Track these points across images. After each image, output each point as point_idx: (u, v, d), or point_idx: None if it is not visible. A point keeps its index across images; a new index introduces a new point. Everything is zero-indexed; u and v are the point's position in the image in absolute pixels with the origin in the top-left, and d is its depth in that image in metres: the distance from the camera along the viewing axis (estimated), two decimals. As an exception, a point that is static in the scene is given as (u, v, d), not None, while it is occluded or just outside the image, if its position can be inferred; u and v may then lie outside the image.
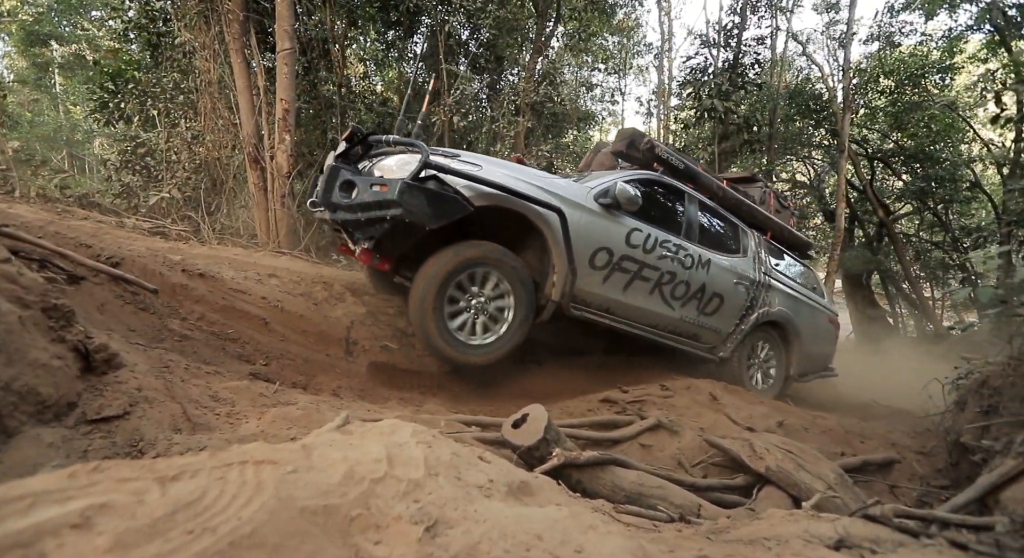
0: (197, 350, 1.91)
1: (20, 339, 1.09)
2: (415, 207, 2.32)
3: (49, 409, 1.12)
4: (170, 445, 1.18)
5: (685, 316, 3.37)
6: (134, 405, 1.25)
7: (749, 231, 3.94)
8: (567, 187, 2.88)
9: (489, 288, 2.61)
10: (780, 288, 3.96)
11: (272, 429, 1.41)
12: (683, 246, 3.29)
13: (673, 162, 3.54)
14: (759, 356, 4.02)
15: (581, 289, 2.83)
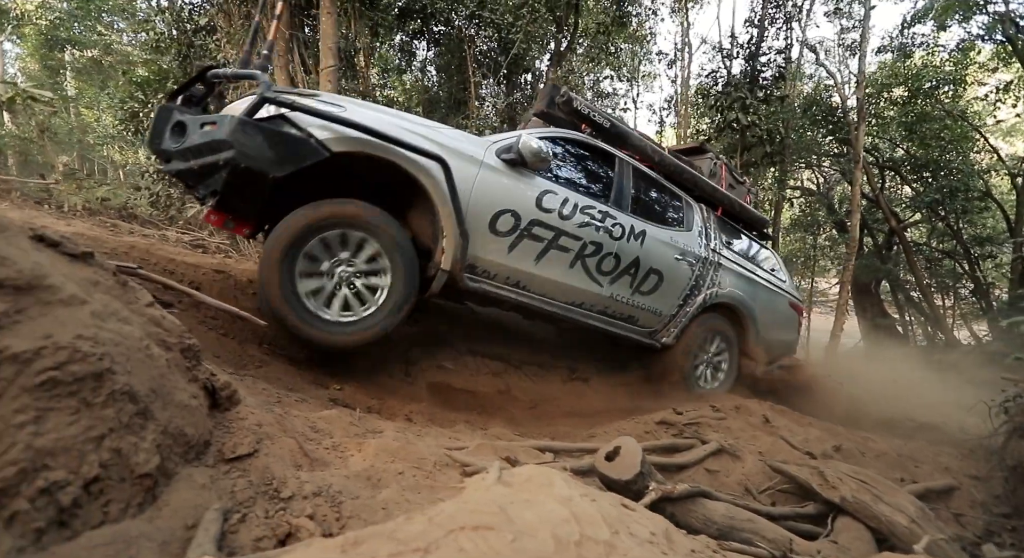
0: (279, 376, 1.95)
1: (169, 382, 1.13)
2: (251, 149, 1.95)
3: (193, 449, 1.15)
4: (300, 484, 1.21)
5: (617, 294, 3.02)
6: (260, 442, 1.28)
7: (695, 204, 3.62)
8: (460, 138, 2.53)
9: (363, 258, 2.24)
10: (733, 268, 3.65)
11: (379, 463, 1.44)
12: (611, 214, 2.94)
13: (597, 120, 3.14)
14: (708, 349, 3.63)
15: (480, 258, 2.49)
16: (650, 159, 3.36)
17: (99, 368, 0.95)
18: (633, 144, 3.27)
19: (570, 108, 3.02)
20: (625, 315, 3.11)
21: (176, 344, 1.21)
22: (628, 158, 3.21)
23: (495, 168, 2.52)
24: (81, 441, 0.90)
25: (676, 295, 3.29)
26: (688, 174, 3.54)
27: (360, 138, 2.12)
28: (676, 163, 3.45)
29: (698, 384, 3.55)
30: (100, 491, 0.92)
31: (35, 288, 0.93)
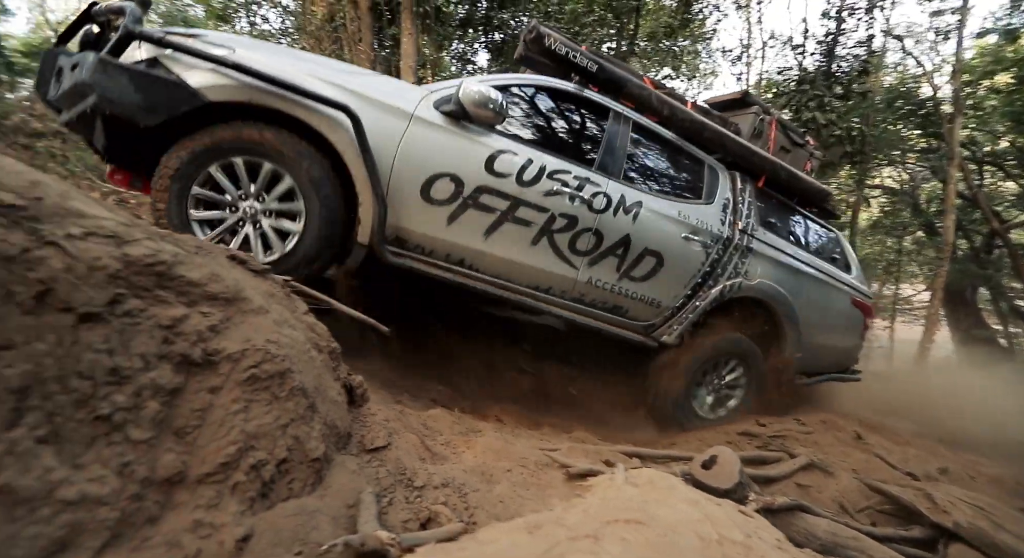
0: (388, 377, 2.15)
1: (324, 380, 1.31)
2: (116, 94, 1.70)
3: (341, 439, 1.33)
4: (429, 476, 1.36)
5: (597, 279, 2.42)
6: (390, 436, 1.44)
7: (723, 171, 2.90)
8: (387, 86, 2.12)
9: (273, 195, 1.94)
10: (769, 254, 2.85)
11: (488, 460, 1.57)
12: (592, 181, 2.36)
13: (579, 61, 2.47)
14: (720, 373, 2.89)
15: (410, 230, 2.09)
16: (655, 112, 2.65)
17: (283, 368, 1.13)
18: (631, 93, 2.58)
19: (540, 47, 2.42)
20: (610, 305, 2.48)
21: (325, 347, 1.39)
22: (629, 112, 2.58)
23: (431, 123, 2.08)
24: (273, 428, 1.08)
25: (682, 283, 2.60)
26: (712, 132, 2.77)
27: (244, 84, 1.81)
28: (694, 118, 2.71)
29: (693, 411, 2.80)
30: (287, 470, 1.10)
31: (237, 300, 1.13)
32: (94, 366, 0.87)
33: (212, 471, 0.97)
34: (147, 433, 0.91)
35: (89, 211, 1.00)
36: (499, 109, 2.10)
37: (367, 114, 1.96)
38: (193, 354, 0.99)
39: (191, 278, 1.05)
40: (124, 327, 0.92)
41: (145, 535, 0.87)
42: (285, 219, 1.96)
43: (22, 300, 0.82)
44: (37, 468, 0.78)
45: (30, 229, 0.86)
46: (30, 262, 0.84)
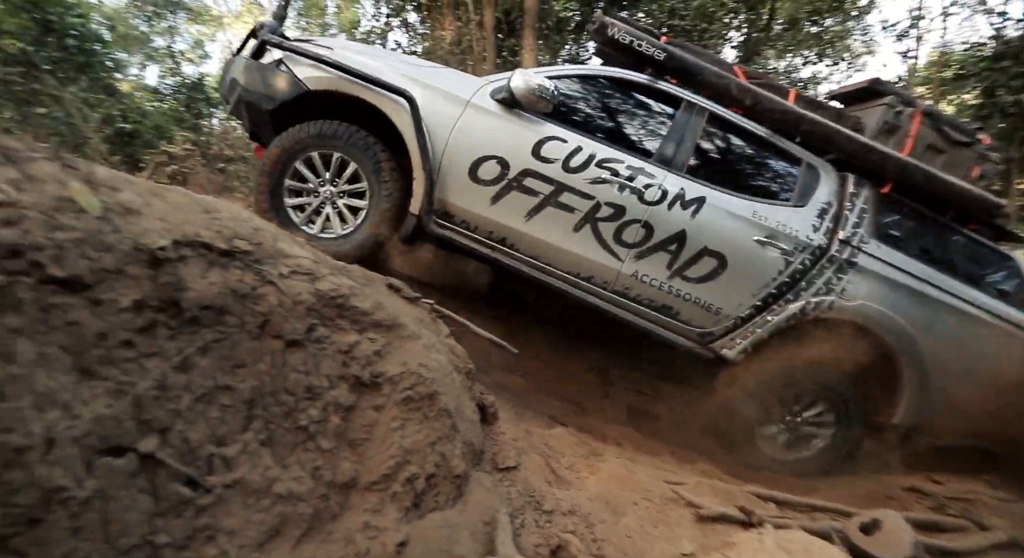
0: (509, 392, 2.25)
1: (462, 400, 1.42)
2: (250, 86, 2.30)
3: (476, 456, 1.42)
4: (557, 501, 1.39)
5: (644, 273, 2.30)
6: (519, 456, 1.51)
7: (828, 172, 2.51)
8: (450, 77, 2.38)
9: (344, 179, 2.29)
10: (884, 273, 2.35)
11: (612, 489, 1.56)
12: (647, 171, 2.29)
13: (645, 51, 2.39)
14: (796, 410, 2.42)
15: (456, 205, 2.28)
16: (736, 102, 2.44)
17: (432, 390, 1.25)
18: (705, 82, 2.43)
19: (604, 38, 2.41)
20: (658, 304, 2.34)
21: (463, 368, 1.51)
22: (705, 103, 2.44)
23: (484, 109, 2.26)
24: (424, 445, 1.20)
25: (749, 291, 2.32)
26: (812, 126, 2.43)
27: (333, 76, 2.24)
28: (787, 110, 2.44)
29: (758, 449, 2.42)
30: (434, 484, 1.21)
31: (395, 326, 1.28)
32: (296, 384, 1.05)
33: (377, 480, 1.11)
34: (331, 443, 1.07)
35: (291, 251, 1.21)
36: (547, 97, 2.16)
37: (428, 100, 2.22)
38: (363, 376, 1.15)
39: (362, 308, 1.21)
40: (316, 352, 1.09)
41: (329, 530, 1.03)
42: (356, 198, 2.32)
43: (250, 329, 1.03)
44: (260, 466, 0.97)
45: (256, 271, 1.07)
46: (256, 298, 1.05)
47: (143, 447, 0.83)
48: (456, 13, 5.44)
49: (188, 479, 0.87)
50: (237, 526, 0.90)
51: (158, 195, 1.12)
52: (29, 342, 0.76)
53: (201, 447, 0.91)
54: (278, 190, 2.28)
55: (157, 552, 0.81)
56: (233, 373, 1.00)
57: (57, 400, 0.76)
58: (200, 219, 1.11)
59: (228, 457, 0.94)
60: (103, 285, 0.87)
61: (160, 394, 0.89)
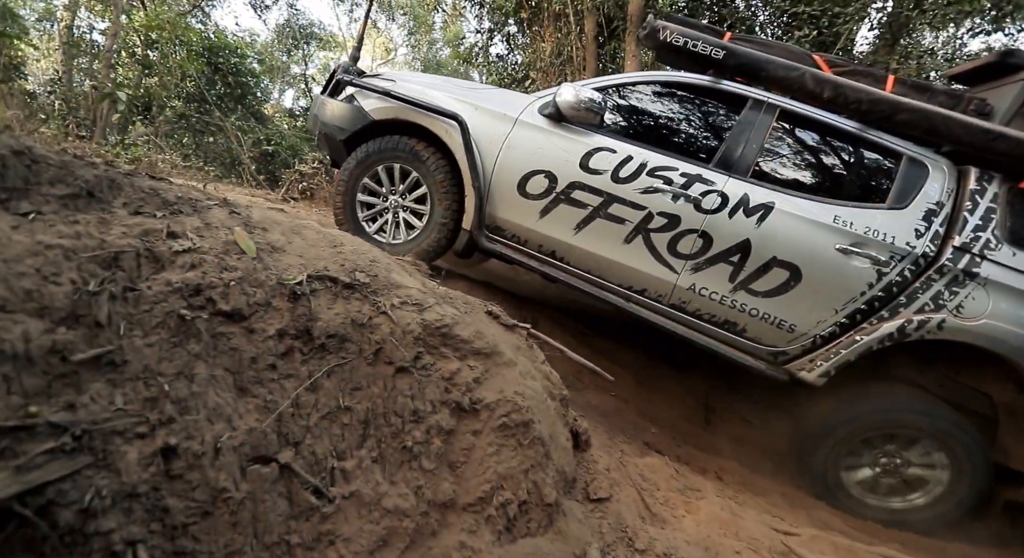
0: (604, 414, 2.22)
1: (556, 427, 1.43)
2: (326, 119, 2.58)
3: (568, 484, 1.43)
4: (651, 540, 1.34)
5: (702, 286, 2.14)
6: (612, 487, 1.48)
7: (939, 167, 2.11)
8: (498, 97, 2.45)
9: (409, 188, 2.48)
10: (1019, 286, 1.93)
11: (713, 533, 1.46)
12: (704, 178, 2.14)
13: (700, 51, 2.24)
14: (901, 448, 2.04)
15: (507, 220, 2.34)
16: (811, 95, 2.19)
17: (527, 418, 1.29)
18: (773, 76, 2.23)
19: (656, 43, 2.32)
20: (720, 319, 2.18)
21: (558, 395, 1.52)
22: (775, 100, 2.24)
23: (532, 125, 2.30)
24: (518, 471, 1.24)
25: (829, 306, 2.06)
26: (911, 114, 2.09)
27: (391, 106, 2.43)
28: (877, 98, 2.11)
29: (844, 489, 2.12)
30: (526, 511, 1.24)
31: (494, 354, 1.33)
32: (403, 407, 1.15)
33: (473, 502, 1.17)
34: (433, 464, 1.15)
35: (403, 281, 1.32)
36: (594, 109, 2.17)
37: (478, 121, 2.34)
38: (463, 402, 1.22)
39: (463, 336, 1.28)
40: (421, 378, 1.18)
41: (429, 546, 1.10)
42: (420, 204, 2.49)
43: (366, 355, 1.15)
44: (372, 481, 1.08)
45: (372, 301, 1.19)
46: (371, 327, 1.16)
47: (282, 458, 0.96)
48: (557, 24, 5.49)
49: (315, 488, 0.99)
50: (352, 534, 1.01)
51: (297, 232, 1.29)
52: (204, 365, 0.93)
53: (325, 460, 1.04)
54: (352, 205, 2.55)
55: (291, 550, 0.94)
56: (352, 395, 1.12)
57: (222, 414, 0.93)
58: (328, 254, 1.26)
59: (347, 470, 1.06)
60: (256, 316, 1.04)
61: (295, 411, 1.03)
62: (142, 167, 5.04)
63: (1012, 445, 2.06)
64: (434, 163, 2.39)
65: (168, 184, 1.21)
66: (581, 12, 5.20)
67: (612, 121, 2.35)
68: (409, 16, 16.30)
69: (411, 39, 16.98)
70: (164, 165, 5.24)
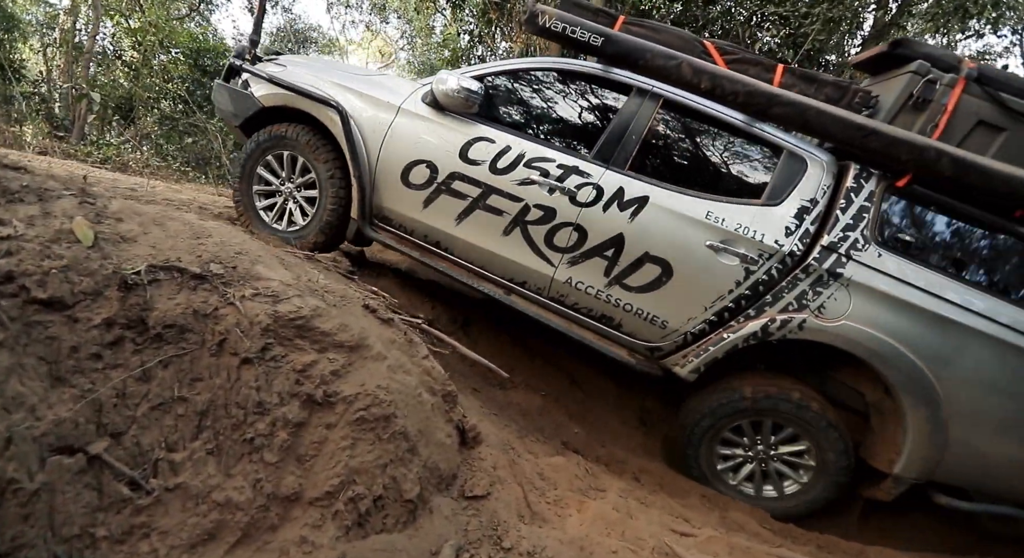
0: (526, 413, 2.20)
1: (432, 423, 1.42)
2: (221, 105, 2.56)
3: (443, 480, 1.41)
4: (519, 538, 1.32)
5: (578, 281, 2.11)
6: (492, 485, 1.46)
7: (818, 162, 2.05)
8: (385, 85, 2.39)
9: (298, 175, 2.42)
10: (886, 289, 1.89)
11: (594, 533, 1.44)
12: (580, 170, 2.08)
13: (580, 38, 2.13)
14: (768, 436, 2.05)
15: (393, 210, 2.31)
16: (690, 86, 2.09)
17: (388, 412, 1.27)
18: (650, 66, 2.10)
19: (536, 28, 2.21)
20: (597, 313, 2.15)
21: (440, 390, 1.50)
22: (661, 89, 2.14)
23: (415, 114, 2.25)
24: (374, 466, 1.22)
25: (699, 304, 2.03)
26: (786, 108, 1.99)
27: (279, 92, 2.39)
28: (753, 90, 2.01)
29: (719, 476, 2.13)
30: (382, 507, 1.22)
31: (360, 347, 1.32)
32: (247, 399, 1.14)
33: (320, 496, 1.15)
34: (276, 457, 1.13)
35: (265, 274, 1.31)
36: (470, 98, 2.13)
37: (361, 109, 2.30)
38: (316, 394, 1.20)
39: (324, 329, 1.27)
40: (269, 369, 1.17)
41: (266, 540, 1.08)
42: (309, 190, 2.43)
43: (209, 346, 1.13)
44: (204, 473, 1.06)
45: (222, 292, 1.18)
46: (217, 318, 1.15)
47: (93, 449, 0.95)
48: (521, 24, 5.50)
49: (131, 480, 0.98)
50: (172, 527, 0.99)
51: (159, 224, 1.29)
52: (8, 353, 0.92)
53: (152, 451, 1.03)
54: (249, 194, 2.51)
55: (95, 543, 0.92)
56: (191, 386, 1.11)
57: (24, 403, 0.91)
58: (187, 245, 1.25)
59: (176, 462, 1.04)
60: (81, 305, 1.02)
61: (119, 401, 1.02)
62: (112, 167, 5.06)
63: (875, 442, 2.06)
64: (322, 157, 2.34)
65: (22, 173, 1.20)
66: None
67: (494, 110, 2.28)
68: (404, 19, 16.42)
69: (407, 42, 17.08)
70: (135, 165, 5.27)
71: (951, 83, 2.04)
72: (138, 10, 8.94)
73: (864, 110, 2.14)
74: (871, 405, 2.07)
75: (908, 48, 2.18)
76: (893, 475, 1.95)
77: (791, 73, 2.25)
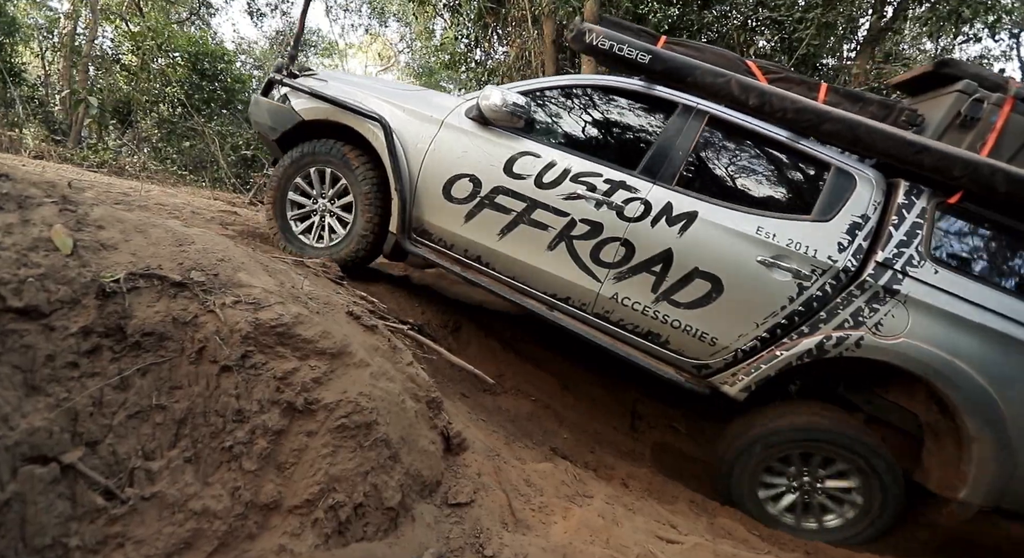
0: (515, 419, 2.20)
1: (415, 430, 1.41)
2: (258, 119, 2.60)
3: (427, 487, 1.40)
4: (501, 546, 1.31)
5: (625, 296, 2.10)
6: (476, 492, 1.45)
7: (867, 179, 2.04)
8: (427, 99, 2.43)
9: (335, 192, 2.46)
10: (944, 305, 1.86)
11: (578, 541, 1.43)
12: (628, 185, 2.10)
13: (627, 56, 2.15)
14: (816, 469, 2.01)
15: (433, 224, 2.31)
16: (737, 103, 2.10)
17: (370, 419, 1.27)
18: (698, 83, 2.13)
19: (583, 46, 2.23)
20: (643, 330, 2.13)
21: (424, 397, 1.50)
22: (706, 106, 2.17)
23: (458, 128, 2.27)
24: (355, 474, 1.22)
25: (750, 320, 2.01)
26: (836, 125, 1.99)
27: (320, 106, 2.42)
28: (802, 108, 2.03)
29: (759, 504, 2.07)
30: (363, 514, 1.22)
31: (342, 355, 1.31)
32: (226, 407, 1.13)
33: (299, 504, 1.14)
34: (255, 465, 1.13)
35: (248, 281, 1.31)
36: (518, 112, 2.15)
37: (404, 122, 2.34)
38: (297, 402, 1.20)
39: (306, 336, 1.27)
40: (249, 377, 1.17)
41: (244, 549, 1.08)
42: (346, 212, 2.47)
43: (189, 353, 1.13)
44: (181, 482, 1.06)
45: (202, 300, 1.18)
46: (197, 325, 1.15)
47: (67, 458, 0.95)
48: (518, 29, 5.52)
49: (106, 489, 0.97)
50: (147, 536, 0.99)
51: (141, 231, 1.29)
52: (-19, 362, 0.92)
53: (128, 460, 1.02)
54: (282, 204, 2.54)
55: (68, 553, 0.92)
56: (170, 394, 1.10)
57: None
58: (168, 252, 1.25)
59: (152, 471, 1.04)
60: (58, 313, 1.02)
61: (95, 410, 1.02)
62: (108, 171, 5.07)
63: (933, 466, 2.01)
64: (361, 172, 2.37)
65: (3, 181, 1.20)
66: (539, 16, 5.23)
67: (540, 125, 2.31)
68: (403, 22, 16.44)
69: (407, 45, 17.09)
70: (132, 169, 5.28)
71: (999, 102, 2.03)
72: (138, 14, 8.98)
73: (911, 128, 2.14)
74: (926, 426, 2.02)
75: (954, 68, 2.20)
76: (958, 500, 1.88)
77: (835, 92, 2.28)
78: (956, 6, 5.84)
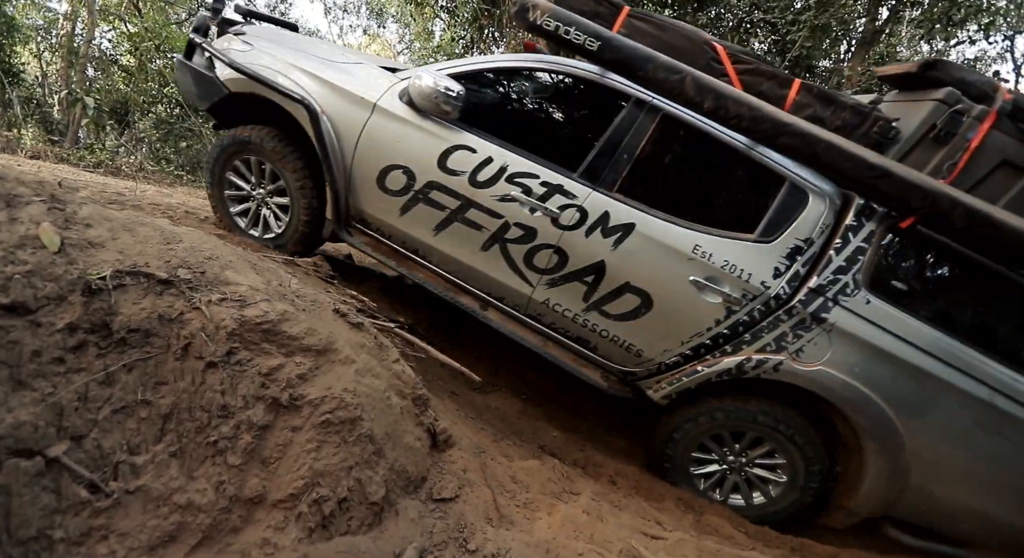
0: (506, 417, 2.21)
1: (401, 426, 1.43)
2: (184, 85, 2.32)
3: (412, 483, 1.42)
4: (484, 541, 1.33)
5: (556, 303, 2.05)
6: (461, 488, 1.47)
7: (822, 198, 1.91)
8: (361, 76, 2.16)
9: (271, 180, 2.28)
10: (869, 337, 1.83)
11: (561, 536, 1.45)
12: (565, 190, 1.96)
13: (573, 39, 1.90)
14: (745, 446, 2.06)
15: (371, 214, 2.18)
16: (691, 103, 1.89)
17: (354, 415, 1.28)
18: (651, 78, 1.89)
19: (527, 24, 1.98)
20: (573, 335, 2.10)
21: (410, 394, 1.52)
22: (661, 103, 1.97)
23: (391, 113, 2.06)
24: (339, 469, 1.23)
25: (676, 338, 1.98)
26: (795, 137, 1.81)
27: (243, 80, 2.16)
28: (758, 116, 1.83)
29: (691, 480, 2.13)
30: (347, 509, 1.23)
31: (327, 351, 1.33)
32: (211, 402, 1.15)
33: (283, 498, 1.16)
34: (240, 459, 1.15)
35: (235, 279, 1.33)
36: (449, 101, 1.94)
37: (334, 103, 2.11)
38: (282, 398, 1.22)
39: (291, 333, 1.29)
40: (234, 373, 1.18)
41: (227, 542, 1.10)
42: (280, 197, 2.32)
43: (174, 350, 1.15)
44: (165, 476, 1.07)
45: (188, 297, 1.20)
46: (182, 322, 1.17)
47: (52, 452, 0.96)
48: (513, 31, 5.54)
49: (90, 483, 0.99)
50: (131, 529, 1.00)
51: (129, 229, 1.30)
52: (-33, 357, 0.94)
53: (113, 454, 1.04)
54: (223, 200, 2.37)
55: (52, 545, 0.93)
56: (155, 389, 1.12)
57: (-16, 407, 0.93)
58: (156, 250, 1.27)
59: (137, 465, 1.06)
60: (44, 310, 1.04)
61: (81, 405, 1.03)
62: (105, 171, 5.09)
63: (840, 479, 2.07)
64: (290, 161, 2.17)
65: (-8, 181, 1.22)
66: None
67: (477, 113, 2.08)
68: (401, 23, 16.47)
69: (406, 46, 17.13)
70: (128, 169, 5.31)
71: (980, 116, 1.86)
72: (136, 15, 9.00)
73: (884, 140, 2.01)
74: (840, 438, 2.03)
75: (941, 71, 2.01)
76: (847, 508, 2.00)
77: (808, 91, 2.09)
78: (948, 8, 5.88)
